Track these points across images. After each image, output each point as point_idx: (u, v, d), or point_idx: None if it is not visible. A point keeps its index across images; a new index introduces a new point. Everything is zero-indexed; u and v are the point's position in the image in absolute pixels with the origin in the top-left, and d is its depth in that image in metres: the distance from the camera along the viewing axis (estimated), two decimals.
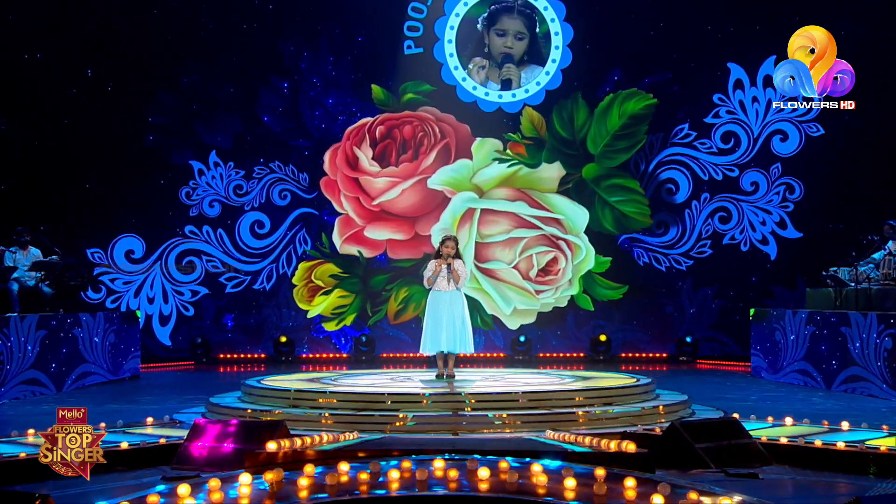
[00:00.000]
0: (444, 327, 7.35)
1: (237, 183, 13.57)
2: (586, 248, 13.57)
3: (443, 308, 7.39)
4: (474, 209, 13.61)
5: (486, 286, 13.63)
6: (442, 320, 7.36)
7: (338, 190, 13.65)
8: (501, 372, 9.07)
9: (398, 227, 13.66)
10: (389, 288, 13.65)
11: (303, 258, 13.59)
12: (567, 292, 13.60)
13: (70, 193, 12.85)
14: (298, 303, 13.58)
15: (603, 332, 13.54)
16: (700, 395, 8.30)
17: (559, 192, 13.57)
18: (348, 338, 13.64)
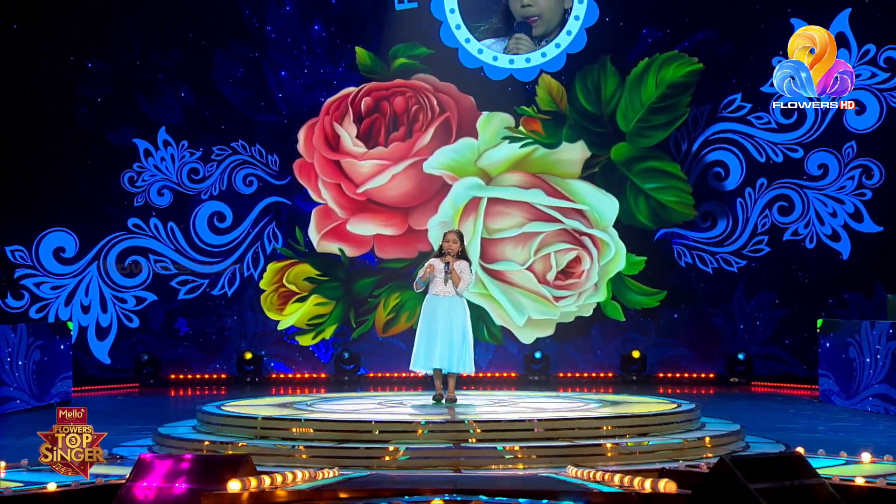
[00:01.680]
0: (440, 340, 7.39)
1: (192, 166, 13.59)
2: (615, 246, 13.56)
3: (440, 316, 7.43)
4: (480, 198, 13.61)
5: (494, 292, 13.63)
6: (437, 331, 7.41)
7: (315, 175, 13.67)
8: (513, 395, 9.11)
9: (388, 221, 13.68)
10: (377, 294, 13.67)
11: (272, 258, 13.63)
12: (592, 299, 13.60)
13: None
14: (267, 312, 13.63)
15: (636, 348, 13.55)
16: (756, 424, 8.36)
17: (583, 178, 13.58)
18: (328, 354, 13.70)
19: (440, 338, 7.39)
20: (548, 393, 9.76)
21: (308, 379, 13.55)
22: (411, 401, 8.09)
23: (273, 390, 12.60)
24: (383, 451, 6.11)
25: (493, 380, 13.42)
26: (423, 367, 7.49)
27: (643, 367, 13.50)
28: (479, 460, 6.08)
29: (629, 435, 6.53)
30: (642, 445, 6.34)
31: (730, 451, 6.49)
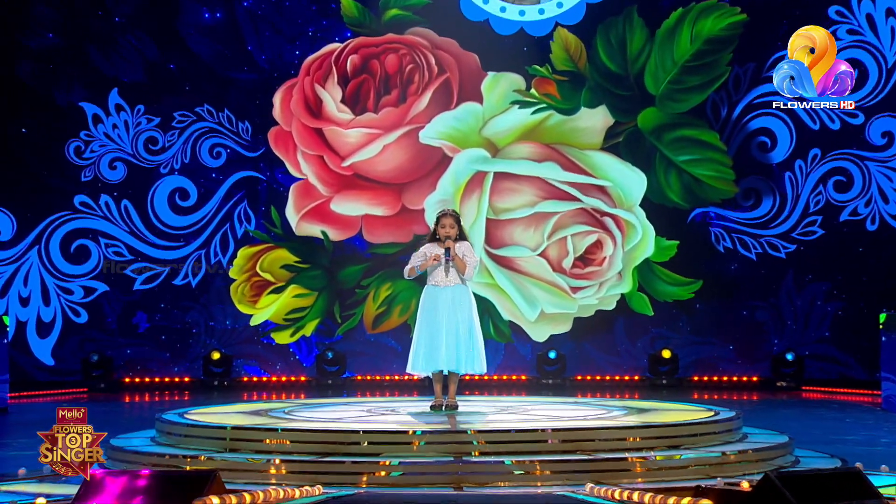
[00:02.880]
0: (444, 337, 7.40)
1: (150, 134, 13.61)
2: (643, 228, 13.55)
3: (442, 310, 7.43)
4: (485, 173, 13.62)
5: (501, 282, 13.65)
6: (440, 327, 7.41)
7: (293, 145, 13.68)
8: (523, 401, 9.15)
9: (378, 199, 13.69)
10: (366, 284, 13.70)
11: (244, 242, 13.66)
12: (616, 290, 13.60)
13: None
14: (238, 304, 13.66)
15: (666, 347, 13.55)
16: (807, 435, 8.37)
17: (605, 150, 13.59)
18: (309, 354, 13.72)
19: (444, 334, 7.41)
20: (564, 399, 9.78)
21: (285, 383, 13.63)
22: (405, 407, 8.09)
23: (245, 396, 12.63)
24: (373, 466, 6.09)
25: (500, 383, 13.43)
26: (424, 370, 7.50)
27: (675, 369, 13.52)
28: (484, 476, 6.07)
29: (659, 447, 6.52)
30: (674, 460, 6.32)
31: (776, 467, 6.47)
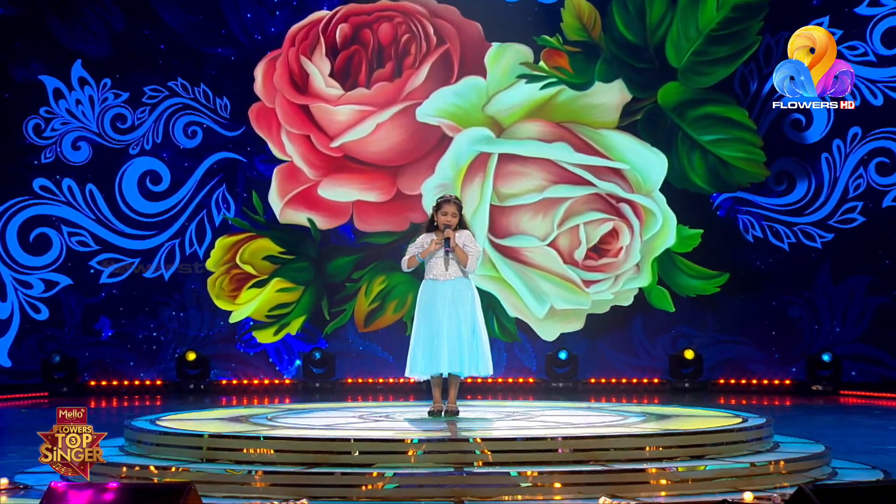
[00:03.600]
0: (445, 336, 7.42)
1: (118, 111, 13.62)
2: (663, 216, 13.57)
3: (442, 306, 7.46)
4: (489, 155, 13.64)
5: (507, 275, 13.66)
6: (441, 326, 7.44)
7: (277, 124, 13.71)
8: (531, 406, 9.18)
9: (371, 183, 13.72)
10: (357, 277, 13.73)
11: (223, 231, 13.70)
12: (633, 283, 13.62)
13: None
14: (216, 300, 13.70)
15: (689, 347, 13.58)
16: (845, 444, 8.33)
17: (621, 129, 13.60)
18: (294, 354, 13.70)
19: (446, 333, 7.42)
20: (576, 404, 9.81)
21: (268, 386, 13.67)
22: (401, 413, 8.12)
23: (223, 400, 12.63)
24: (365, 478, 6.07)
25: (505, 387, 13.51)
26: (423, 373, 7.50)
27: (698, 371, 13.55)
28: (488, 489, 6.06)
29: (681, 457, 6.51)
30: (697, 471, 6.31)
31: (811, 480, 6.47)
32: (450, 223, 7.39)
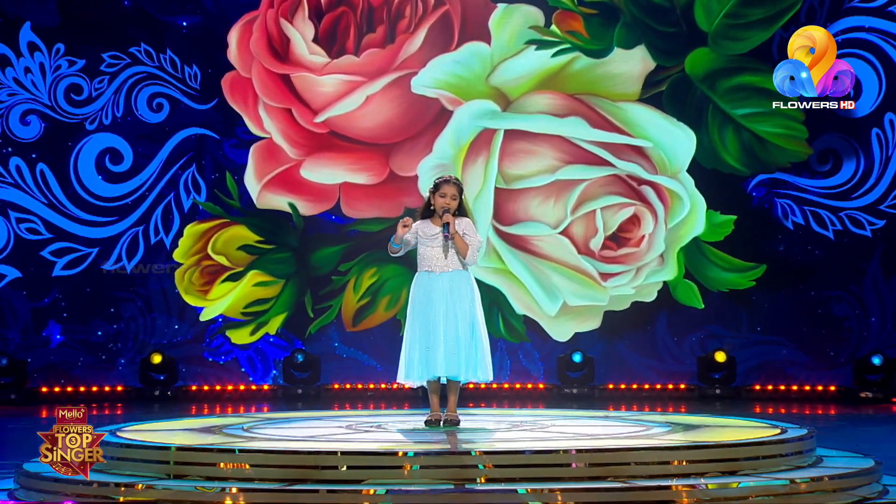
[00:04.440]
0: (443, 335, 7.47)
1: (73, 81, 13.61)
2: (691, 200, 13.57)
3: (438, 302, 7.51)
4: (494, 131, 13.63)
5: (514, 267, 13.68)
6: (437, 324, 7.50)
7: (254, 96, 13.73)
8: (541, 415, 9.26)
9: (361, 163, 13.75)
10: (345, 269, 13.74)
11: (192, 217, 13.72)
12: (657, 277, 13.65)
13: None
14: (185, 295, 13.73)
15: (720, 348, 13.55)
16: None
17: (643, 101, 13.62)
18: (269, 363, 13.76)
19: (442, 333, 7.47)
20: (592, 412, 9.83)
21: (244, 392, 13.69)
22: (394, 423, 8.16)
23: (193, 409, 12.63)
24: (354, 496, 6.06)
25: (511, 393, 13.54)
26: (416, 378, 7.54)
27: (731, 376, 13.53)
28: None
29: (711, 473, 6.51)
30: (730, 488, 6.31)
31: (859, 499, 6.43)
32: (448, 206, 7.41)
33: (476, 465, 6.28)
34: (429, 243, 7.50)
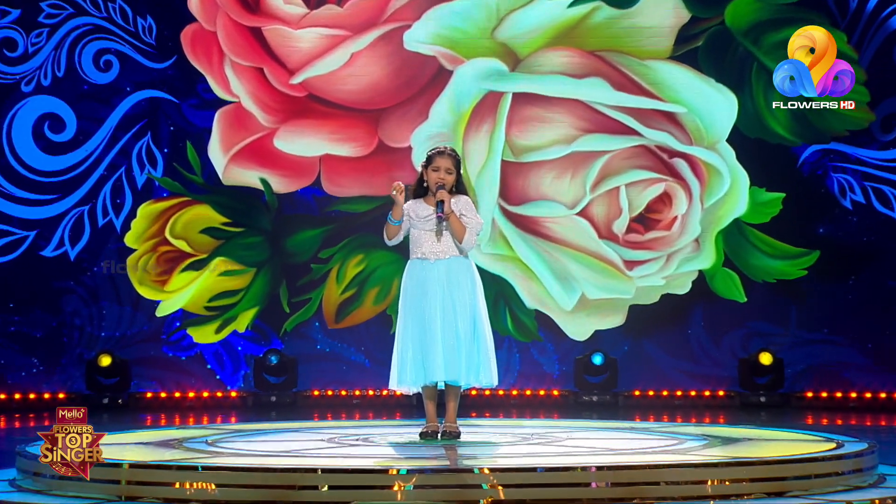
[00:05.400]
0: (439, 334, 7.61)
1: (5, 35, 13.67)
2: (731, 175, 13.59)
3: (434, 294, 7.64)
4: (500, 95, 13.63)
5: (524, 254, 13.70)
6: (434, 319, 7.62)
7: (220, 54, 13.75)
8: (555, 426, 9.38)
9: (344, 132, 13.77)
10: (326, 257, 13.77)
11: (147, 195, 13.76)
12: (691, 265, 13.66)
13: None
14: (138, 287, 13.73)
15: (766, 348, 13.52)
16: None
17: (676, 59, 13.66)
18: (240, 360, 13.75)
19: (440, 330, 7.57)
20: (615, 423, 9.92)
21: (208, 400, 13.67)
22: (384, 435, 8.26)
23: (149, 419, 12.61)
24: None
25: (521, 401, 13.57)
26: (413, 383, 7.67)
27: (778, 381, 13.54)
28: None
29: (754, 494, 6.58)
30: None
31: None
32: (443, 181, 7.54)
33: (479, 484, 6.32)
34: (421, 226, 7.58)
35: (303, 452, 7.37)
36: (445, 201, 7.44)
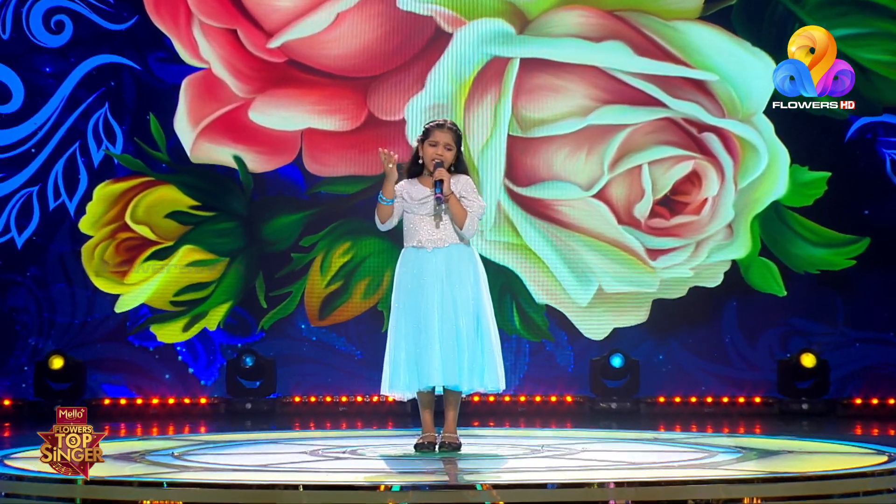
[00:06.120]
0: (437, 333, 7.73)
1: None
2: (769, 152, 13.61)
3: (431, 287, 7.77)
4: (507, 61, 13.66)
5: (533, 242, 13.76)
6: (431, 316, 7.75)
7: (187, 13, 13.76)
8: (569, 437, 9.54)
9: (329, 103, 13.81)
10: (309, 245, 13.82)
11: (104, 174, 13.75)
12: (723, 254, 13.71)
13: None
14: (95, 278, 13.71)
15: (809, 349, 13.49)
16: None
17: (706, 20, 13.69)
18: (209, 364, 13.81)
19: (438, 328, 7.68)
20: (636, 434, 10.06)
21: (174, 407, 13.63)
22: (374, 447, 8.36)
23: (107, 429, 12.22)
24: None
25: (529, 408, 13.60)
26: (407, 388, 7.80)
27: (822, 386, 13.48)
28: None
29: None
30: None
31: None
32: (441, 157, 7.66)
33: (482, 502, 6.35)
34: (417, 210, 7.74)
35: (282, 466, 7.43)
36: (444, 181, 7.52)
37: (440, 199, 7.59)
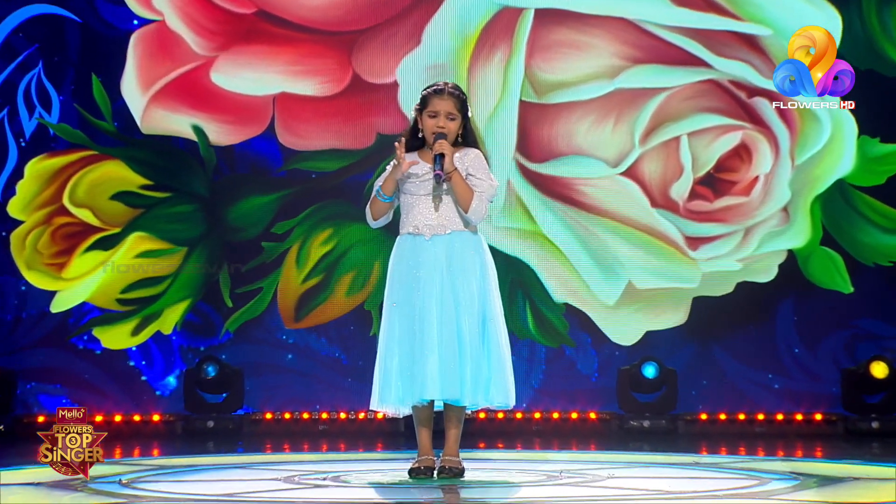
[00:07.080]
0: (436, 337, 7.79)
1: None
2: (832, 122, 13.69)
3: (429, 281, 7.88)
4: (519, 12, 13.72)
5: (550, 228, 13.79)
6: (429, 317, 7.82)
7: None
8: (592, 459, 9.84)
9: (306, 63, 13.88)
10: (283, 232, 13.84)
11: (38, 147, 13.84)
12: (778, 243, 13.72)
13: None
14: (26, 272, 13.77)
15: (880, 356, 13.45)
16: None
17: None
18: (166, 370, 13.83)
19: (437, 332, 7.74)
20: (673, 457, 10.19)
21: (123, 425, 13.60)
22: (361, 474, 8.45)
23: (41, 451, 12.02)
24: None
25: (546, 426, 13.62)
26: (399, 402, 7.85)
27: (894, 401, 13.33)
28: None
29: None
30: None
31: None
32: (443, 130, 7.74)
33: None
34: (414, 189, 7.80)
35: (250, 496, 7.46)
36: (447, 155, 7.56)
37: (440, 175, 7.58)
